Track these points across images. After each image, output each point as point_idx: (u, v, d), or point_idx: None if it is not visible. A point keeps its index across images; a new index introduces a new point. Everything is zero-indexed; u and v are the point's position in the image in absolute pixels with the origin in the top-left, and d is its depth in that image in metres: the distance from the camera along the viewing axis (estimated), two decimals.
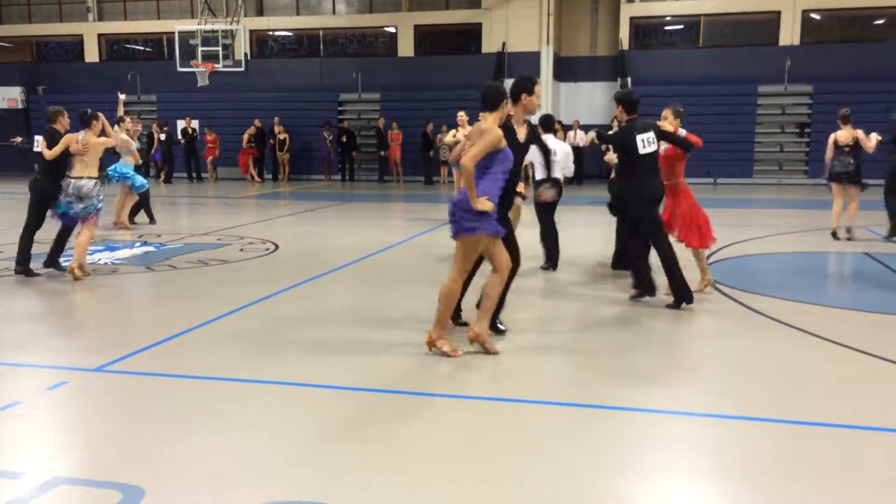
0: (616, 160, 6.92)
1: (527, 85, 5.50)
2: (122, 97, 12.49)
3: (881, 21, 22.09)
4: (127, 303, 7.46)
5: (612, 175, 8.01)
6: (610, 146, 7.12)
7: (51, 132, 8.10)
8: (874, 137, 10.37)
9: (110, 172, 11.43)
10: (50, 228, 8.37)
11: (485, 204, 4.95)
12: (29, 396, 4.53)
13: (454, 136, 11.55)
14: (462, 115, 11.65)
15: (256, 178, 22.85)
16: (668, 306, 6.63)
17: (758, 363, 5.20)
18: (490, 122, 5.14)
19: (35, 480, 3.41)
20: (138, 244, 10.39)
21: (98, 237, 10.10)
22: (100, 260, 9.13)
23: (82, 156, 8.03)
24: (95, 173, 8.15)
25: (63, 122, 8.19)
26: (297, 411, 4.32)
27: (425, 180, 22.03)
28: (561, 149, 8.31)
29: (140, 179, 11.82)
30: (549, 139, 8.26)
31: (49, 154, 7.96)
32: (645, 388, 4.73)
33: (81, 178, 8.00)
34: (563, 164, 8.27)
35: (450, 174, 19.75)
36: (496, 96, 5.23)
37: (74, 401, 4.57)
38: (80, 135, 8.09)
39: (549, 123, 8.57)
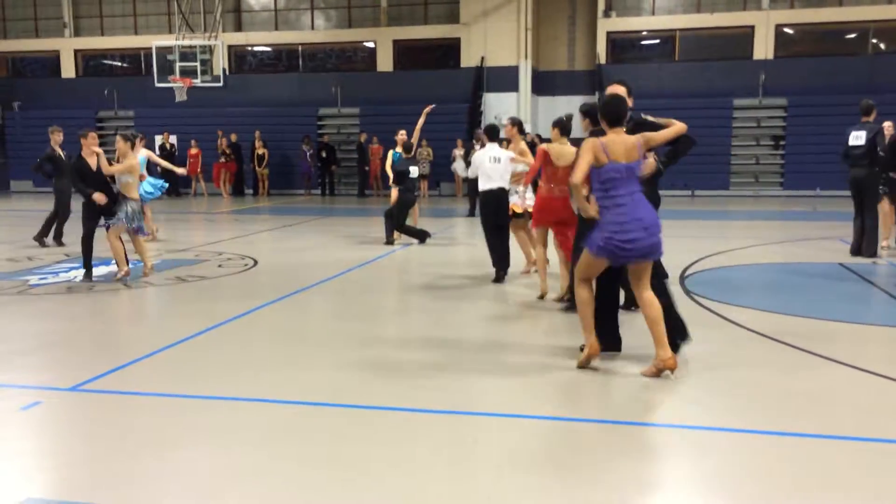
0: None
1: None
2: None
3: (852, 35, 22.48)
4: (103, 320, 7.39)
5: None
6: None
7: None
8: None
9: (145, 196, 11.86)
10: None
11: None
12: (2, 417, 4.47)
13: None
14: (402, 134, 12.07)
15: (226, 193, 22.86)
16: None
17: (734, 374, 5.23)
18: (624, 135, 5.09)
19: (8, 502, 3.36)
20: (113, 261, 10.27)
21: (74, 254, 10.02)
22: (76, 278, 9.03)
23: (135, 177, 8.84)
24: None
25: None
26: (272, 428, 4.29)
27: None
28: (505, 157, 8.48)
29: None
30: (493, 148, 8.52)
31: (113, 170, 8.69)
32: (622, 399, 4.76)
33: (135, 199, 8.83)
34: (504, 172, 8.43)
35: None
36: (622, 111, 5.14)
37: (49, 421, 4.51)
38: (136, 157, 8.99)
39: (492, 133, 8.77)
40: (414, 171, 11.92)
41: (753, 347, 5.93)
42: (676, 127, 5.28)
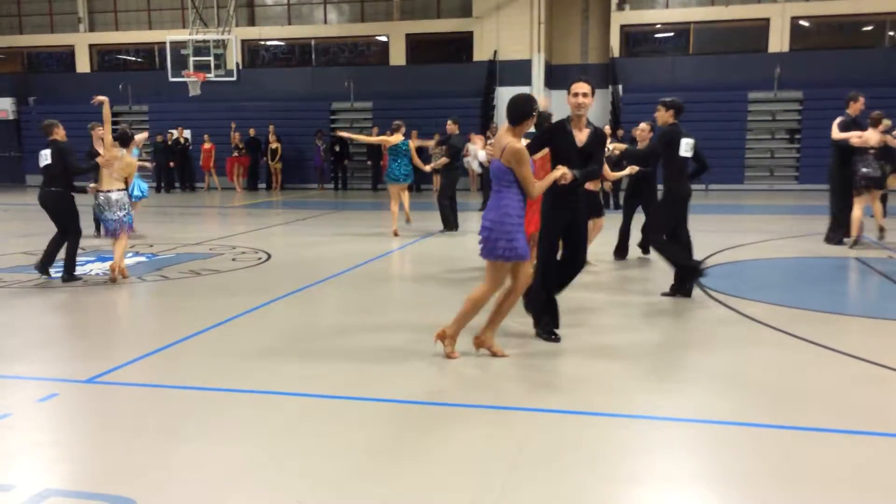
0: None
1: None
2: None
3: (869, 28, 22.26)
4: (118, 313, 7.44)
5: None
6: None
7: (55, 144, 8.56)
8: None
9: (137, 195, 11.89)
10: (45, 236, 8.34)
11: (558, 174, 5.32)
12: (20, 408, 4.52)
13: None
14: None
15: (239, 187, 22.92)
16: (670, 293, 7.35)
17: (750, 369, 5.22)
18: (509, 138, 5.13)
19: (26, 493, 3.40)
20: (130, 254, 10.36)
21: (89, 247, 10.10)
22: (91, 271, 9.10)
23: (110, 170, 8.44)
24: (123, 186, 8.61)
25: (60, 133, 8.44)
26: (288, 420, 4.31)
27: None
28: None
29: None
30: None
31: (83, 169, 8.61)
32: (636, 394, 4.74)
33: (111, 190, 8.44)
34: None
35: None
36: (520, 112, 5.15)
37: (65, 412, 4.55)
38: (122, 153, 8.59)
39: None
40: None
41: (769, 342, 5.89)
42: (530, 180, 5.14)
